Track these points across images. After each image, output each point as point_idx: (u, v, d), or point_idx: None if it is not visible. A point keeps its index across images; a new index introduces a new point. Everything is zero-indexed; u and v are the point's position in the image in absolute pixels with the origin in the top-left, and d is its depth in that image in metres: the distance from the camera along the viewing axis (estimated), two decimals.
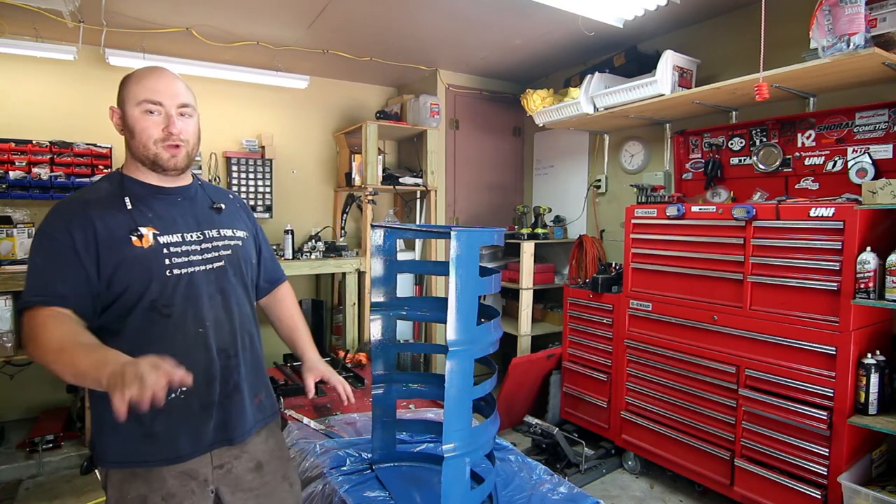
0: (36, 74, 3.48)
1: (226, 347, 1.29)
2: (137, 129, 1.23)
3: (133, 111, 1.23)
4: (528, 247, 3.81)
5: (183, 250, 1.24)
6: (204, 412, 1.25)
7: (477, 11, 3.02)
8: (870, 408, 2.09)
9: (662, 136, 3.44)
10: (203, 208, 1.35)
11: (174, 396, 1.19)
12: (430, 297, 4.11)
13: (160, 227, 1.23)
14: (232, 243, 1.35)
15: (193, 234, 1.28)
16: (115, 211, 1.20)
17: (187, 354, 1.19)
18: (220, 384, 1.27)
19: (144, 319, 1.19)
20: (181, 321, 1.22)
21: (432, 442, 1.99)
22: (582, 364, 3.31)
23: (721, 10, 3.02)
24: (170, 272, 1.21)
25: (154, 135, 1.23)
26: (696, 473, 2.64)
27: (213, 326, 1.26)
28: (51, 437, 3.02)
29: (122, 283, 1.17)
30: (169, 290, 1.21)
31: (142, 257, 1.19)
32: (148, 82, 1.23)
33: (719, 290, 2.56)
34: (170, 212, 1.27)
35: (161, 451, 1.20)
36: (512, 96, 4.53)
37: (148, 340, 1.18)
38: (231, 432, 1.29)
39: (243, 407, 1.32)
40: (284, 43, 3.57)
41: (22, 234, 3.13)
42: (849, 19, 2.05)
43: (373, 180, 3.86)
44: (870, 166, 2.30)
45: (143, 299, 1.19)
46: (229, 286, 1.32)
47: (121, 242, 1.17)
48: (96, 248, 1.15)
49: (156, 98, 1.22)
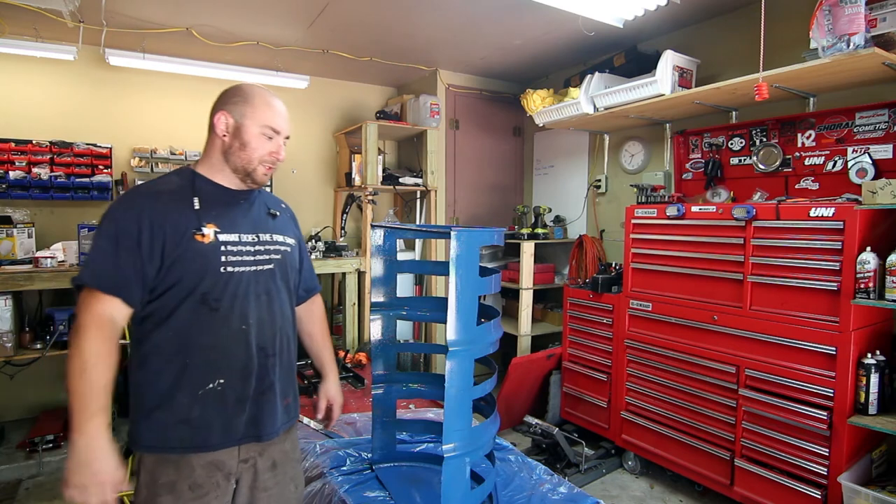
0: (36, 74, 3.48)
1: (265, 346, 1.35)
2: (252, 145, 1.34)
3: (253, 128, 1.33)
4: (528, 247, 3.81)
5: (238, 250, 1.32)
6: (238, 405, 1.30)
7: (477, 11, 3.02)
8: (870, 408, 2.09)
9: (662, 136, 3.44)
10: (260, 213, 1.43)
11: (211, 387, 1.26)
12: (430, 297, 4.11)
13: (221, 226, 1.31)
14: (282, 248, 1.43)
15: (249, 235, 1.36)
16: (183, 206, 1.28)
17: (228, 348, 1.28)
18: (255, 381, 1.33)
19: (193, 311, 1.26)
20: (227, 316, 1.29)
21: (432, 442, 1.99)
22: (582, 364, 3.31)
23: (721, 10, 3.02)
24: (223, 269, 1.29)
25: (263, 156, 1.35)
26: (696, 473, 2.64)
27: (256, 325, 1.33)
28: (51, 437, 3.02)
29: (177, 274, 1.24)
30: (220, 286, 1.28)
31: (201, 252, 1.26)
32: (276, 111, 1.36)
33: (719, 290, 2.56)
34: (231, 212, 1.35)
35: (193, 438, 1.25)
36: (512, 96, 4.53)
37: (194, 331, 1.25)
38: (261, 429, 1.34)
39: (274, 406, 1.37)
40: (284, 43, 3.57)
41: (22, 233, 3.12)
42: (849, 19, 2.05)
43: (373, 180, 3.86)
44: (870, 166, 2.30)
45: (195, 292, 1.25)
46: (275, 289, 1.39)
47: (184, 237, 1.25)
48: (162, 240, 1.22)
49: (277, 127, 1.36)
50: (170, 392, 1.24)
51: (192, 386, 1.25)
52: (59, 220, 3.54)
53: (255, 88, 1.37)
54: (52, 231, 3.47)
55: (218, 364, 1.27)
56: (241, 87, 1.37)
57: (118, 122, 3.72)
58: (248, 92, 1.36)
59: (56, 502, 2.67)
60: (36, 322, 3.21)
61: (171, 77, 3.83)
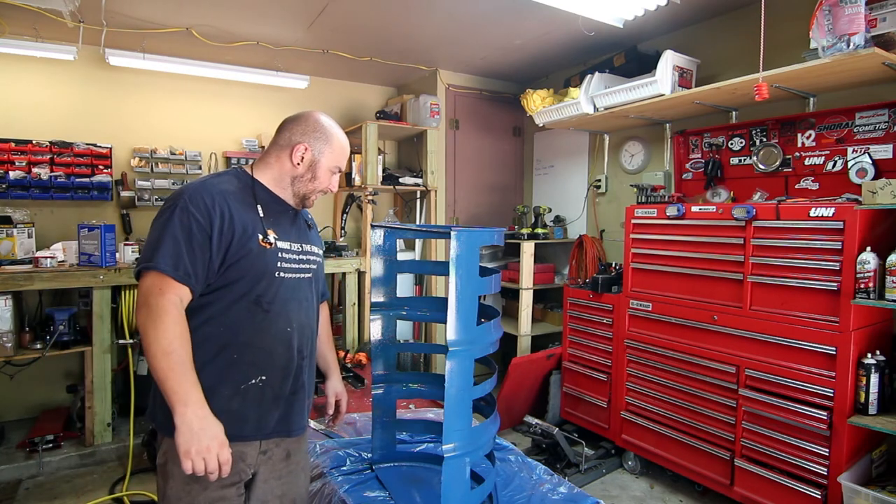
0: (36, 74, 3.48)
1: (302, 349, 1.44)
2: (320, 180, 1.45)
3: (327, 164, 1.45)
4: (528, 247, 3.81)
5: (290, 257, 1.41)
6: (274, 402, 1.38)
7: (477, 11, 3.02)
8: (870, 408, 2.09)
9: (662, 136, 3.44)
10: (302, 224, 1.53)
11: (253, 383, 1.34)
12: (430, 297, 4.11)
13: (279, 233, 1.39)
14: (317, 259, 1.54)
15: (297, 245, 1.45)
16: (249, 209, 1.36)
17: (274, 348, 1.36)
18: (292, 380, 1.41)
19: (247, 310, 1.33)
20: (276, 318, 1.36)
21: (432, 442, 1.99)
22: (582, 364, 3.31)
23: (721, 10, 3.02)
24: (278, 273, 1.37)
25: (324, 189, 1.48)
26: (696, 473, 2.64)
27: (298, 328, 1.42)
28: (51, 437, 3.02)
29: (238, 273, 1.31)
30: (273, 290, 1.36)
31: (263, 255, 1.34)
32: (346, 153, 1.49)
33: (719, 290, 2.56)
34: (285, 221, 1.44)
35: (229, 429, 1.26)
36: (512, 96, 4.53)
37: (245, 329, 1.33)
38: (290, 426, 1.43)
39: (303, 404, 1.48)
40: (284, 43, 3.57)
41: (22, 233, 3.11)
42: (849, 19, 2.05)
43: (373, 180, 3.86)
44: (870, 166, 2.30)
45: (251, 292, 1.33)
46: (311, 295, 1.49)
47: (251, 239, 1.32)
48: (230, 238, 1.29)
49: (342, 167, 1.50)
50: (214, 384, 1.28)
51: (236, 380, 1.32)
52: (59, 220, 3.54)
53: (334, 127, 1.47)
54: (52, 231, 3.47)
55: (263, 362, 1.35)
56: (321, 122, 1.45)
57: (118, 122, 3.72)
58: (329, 131, 1.45)
59: (56, 502, 2.67)
60: (36, 322, 3.21)
61: (172, 77, 3.83)
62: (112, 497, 2.70)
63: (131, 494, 2.70)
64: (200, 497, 1.28)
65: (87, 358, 3.04)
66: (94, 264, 2.98)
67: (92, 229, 3.00)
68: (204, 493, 1.28)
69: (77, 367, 3.51)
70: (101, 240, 2.94)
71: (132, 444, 2.88)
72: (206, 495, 1.28)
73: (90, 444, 3.06)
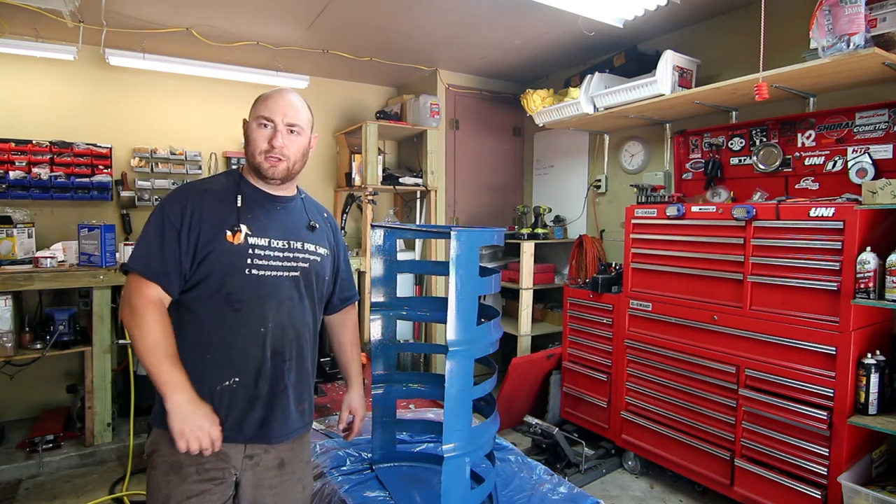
0: (36, 74, 3.47)
1: (281, 351, 1.38)
2: (250, 138, 1.39)
3: (252, 124, 1.39)
4: (528, 247, 3.81)
5: (266, 254, 1.36)
6: (249, 405, 1.35)
7: (477, 11, 3.02)
8: (870, 408, 2.09)
9: (662, 136, 3.44)
10: (297, 220, 1.47)
11: (227, 384, 1.33)
12: (430, 297, 4.11)
13: (253, 229, 1.35)
14: (311, 258, 1.46)
15: (280, 241, 1.39)
16: (224, 205, 1.35)
17: (245, 349, 1.34)
18: (269, 383, 1.37)
19: (218, 308, 1.32)
20: (248, 318, 1.34)
21: (432, 442, 2.00)
22: (582, 364, 3.31)
23: (721, 10, 3.02)
24: (248, 271, 1.33)
25: (261, 146, 1.37)
26: (696, 473, 2.64)
27: (273, 329, 1.37)
28: (51, 437, 3.02)
29: (206, 270, 1.31)
30: (244, 288, 1.33)
31: (229, 252, 1.32)
32: (267, 101, 1.38)
33: (719, 290, 2.56)
34: (266, 217, 1.40)
35: None
36: (512, 96, 4.53)
37: (217, 328, 1.32)
38: (270, 432, 1.37)
39: (287, 410, 1.40)
40: (284, 43, 3.57)
41: (22, 233, 3.11)
42: (849, 19, 2.05)
43: (373, 180, 3.86)
44: (870, 166, 2.30)
45: (221, 290, 1.32)
46: (297, 296, 1.42)
47: (218, 234, 1.31)
48: (198, 234, 1.30)
49: (268, 115, 1.37)
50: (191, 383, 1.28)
51: (210, 380, 1.31)
52: (59, 220, 3.54)
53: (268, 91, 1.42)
54: (52, 231, 3.47)
55: (235, 363, 1.33)
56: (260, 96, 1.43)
57: (118, 122, 3.72)
58: (260, 95, 1.41)
59: (56, 502, 2.67)
60: (36, 322, 3.21)
61: (172, 77, 3.83)
62: (112, 497, 2.70)
63: (131, 494, 2.70)
64: (180, 489, 1.29)
65: (87, 358, 3.04)
66: (93, 264, 2.99)
67: (92, 229, 3.00)
68: (182, 485, 1.29)
69: (77, 367, 3.50)
70: (101, 240, 2.94)
71: (132, 444, 2.88)
72: (185, 487, 1.29)
73: (90, 444, 3.06)
